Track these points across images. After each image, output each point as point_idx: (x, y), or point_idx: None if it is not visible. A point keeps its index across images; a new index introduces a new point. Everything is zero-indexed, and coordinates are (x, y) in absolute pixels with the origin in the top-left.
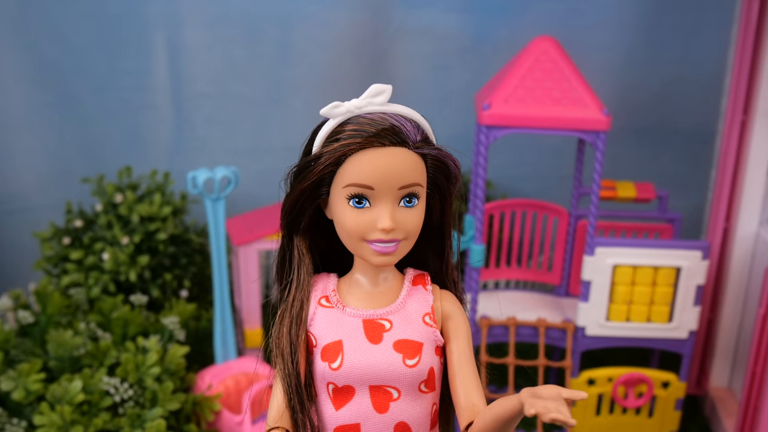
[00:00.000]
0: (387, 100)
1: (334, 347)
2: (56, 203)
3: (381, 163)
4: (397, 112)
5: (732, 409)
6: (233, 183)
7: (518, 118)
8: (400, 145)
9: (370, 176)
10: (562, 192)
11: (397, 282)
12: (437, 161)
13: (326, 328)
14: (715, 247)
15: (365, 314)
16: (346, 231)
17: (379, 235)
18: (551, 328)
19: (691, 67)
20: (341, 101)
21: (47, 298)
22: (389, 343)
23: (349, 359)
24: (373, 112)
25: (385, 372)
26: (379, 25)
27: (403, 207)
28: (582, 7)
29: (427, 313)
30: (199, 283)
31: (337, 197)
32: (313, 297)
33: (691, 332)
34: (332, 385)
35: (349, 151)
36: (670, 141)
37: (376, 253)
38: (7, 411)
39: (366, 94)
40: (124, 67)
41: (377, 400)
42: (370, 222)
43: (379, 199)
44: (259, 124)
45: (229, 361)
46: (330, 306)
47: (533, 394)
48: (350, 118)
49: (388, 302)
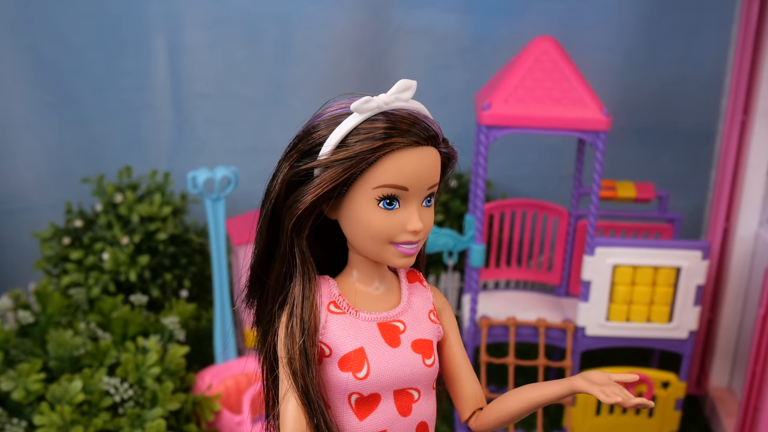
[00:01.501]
0: (412, 97)
1: (356, 356)
2: (56, 203)
3: (417, 164)
4: (416, 110)
5: (732, 409)
6: (233, 183)
7: (518, 118)
8: (431, 144)
9: (407, 177)
10: (562, 192)
11: (393, 279)
12: (447, 159)
13: (342, 336)
14: (715, 247)
15: (379, 317)
16: (372, 233)
17: (408, 237)
18: (551, 328)
19: (691, 67)
20: (372, 95)
21: (47, 298)
22: (407, 345)
23: (375, 366)
24: (399, 109)
25: (410, 374)
26: (379, 25)
27: (424, 206)
28: (582, 7)
29: (431, 310)
30: (199, 283)
31: (360, 198)
32: (321, 303)
33: (691, 332)
34: (356, 396)
35: (390, 150)
36: (670, 141)
37: (401, 254)
38: (7, 411)
39: (394, 90)
40: (124, 68)
41: (401, 404)
42: (399, 224)
43: (409, 200)
44: (259, 124)
45: (229, 361)
46: (341, 312)
47: (589, 380)
48: (375, 115)
49: (395, 303)
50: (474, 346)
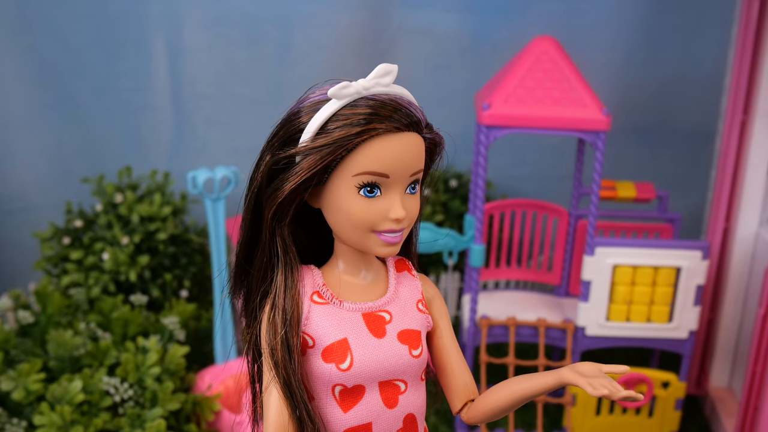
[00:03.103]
0: (393, 81)
1: (339, 347)
2: (56, 203)
3: (398, 150)
4: (399, 95)
5: (732, 409)
6: (233, 183)
7: (518, 118)
8: (414, 130)
9: (387, 164)
10: (562, 192)
11: (381, 269)
12: (433, 144)
13: (325, 326)
14: (715, 247)
15: (364, 307)
16: (353, 222)
17: (390, 225)
18: (551, 328)
19: (691, 67)
20: (350, 80)
21: (47, 298)
22: (393, 335)
23: (359, 357)
24: (379, 94)
25: (395, 365)
26: (379, 26)
27: (408, 194)
28: (582, 7)
29: (419, 300)
30: (199, 283)
31: (341, 185)
32: (304, 294)
33: (691, 332)
34: (340, 387)
35: (369, 137)
36: (670, 141)
37: (384, 243)
38: (7, 411)
39: (373, 74)
40: (123, 68)
41: (387, 396)
42: (381, 211)
43: (391, 188)
44: (259, 124)
45: (229, 361)
46: (324, 302)
47: (577, 372)
48: (356, 100)
49: (381, 292)
50: (474, 346)
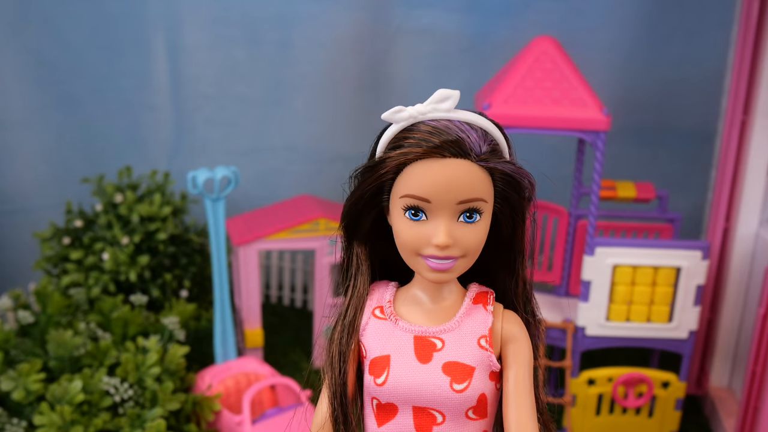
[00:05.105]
0: (453, 106)
1: (381, 361)
2: (56, 203)
3: (439, 176)
4: (464, 120)
5: (732, 409)
6: (233, 183)
7: (518, 118)
8: (461, 156)
9: (427, 189)
10: (562, 192)
11: (458, 298)
12: (505, 176)
13: (376, 340)
14: (715, 247)
15: (417, 330)
16: (400, 243)
17: (433, 250)
18: (551, 328)
19: (692, 67)
20: (404, 106)
21: (47, 298)
22: (438, 364)
23: (394, 376)
24: (438, 119)
25: (430, 394)
26: (379, 25)
27: (463, 222)
28: (582, 7)
29: (483, 336)
30: (199, 283)
31: (394, 206)
32: (368, 306)
33: (691, 332)
34: (376, 401)
35: (407, 160)
36: (670, 141)
37: (430, 269)
38: (7, 411)
39: (431, 100)
40: (123, 68)
41: (420, 422)
42: (425, 236)
43: (435, 213)
44: (259, 124)
45: (229, 361)
46: (383, 318)
47: None
48: (414, 125)
49: (444, 320)
50: None
